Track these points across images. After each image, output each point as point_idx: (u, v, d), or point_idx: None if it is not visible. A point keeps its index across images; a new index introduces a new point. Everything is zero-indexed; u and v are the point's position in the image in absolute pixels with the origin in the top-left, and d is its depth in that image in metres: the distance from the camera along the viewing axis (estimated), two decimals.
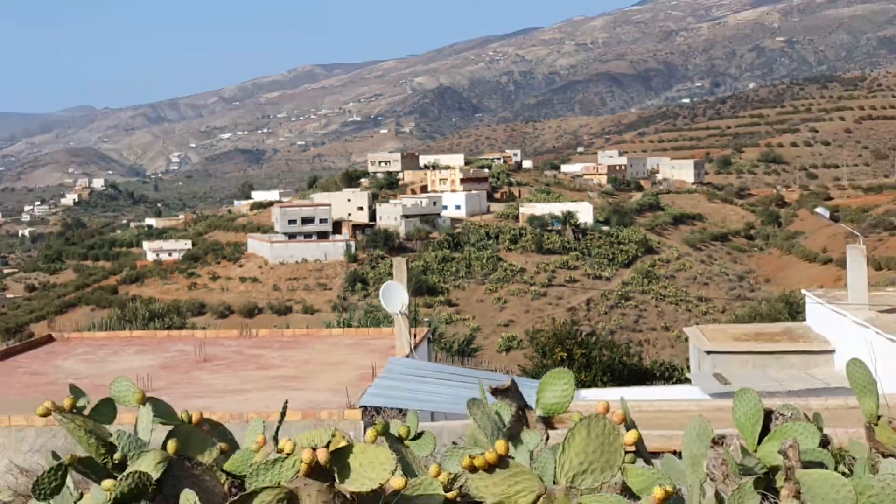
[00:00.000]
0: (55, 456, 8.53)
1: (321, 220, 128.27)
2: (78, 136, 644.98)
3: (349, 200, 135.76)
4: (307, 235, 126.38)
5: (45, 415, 3.76)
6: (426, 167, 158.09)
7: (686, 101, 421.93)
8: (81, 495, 3.81)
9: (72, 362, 18.25)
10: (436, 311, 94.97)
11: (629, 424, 3.32)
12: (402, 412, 12.17)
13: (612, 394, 15.18)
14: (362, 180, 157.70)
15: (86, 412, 3.83)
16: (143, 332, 27.12)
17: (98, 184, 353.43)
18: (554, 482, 3.25)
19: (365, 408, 12.72)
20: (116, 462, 3.69)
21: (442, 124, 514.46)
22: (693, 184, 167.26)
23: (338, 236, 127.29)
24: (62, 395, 3.96)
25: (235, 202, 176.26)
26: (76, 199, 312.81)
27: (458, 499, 3.34)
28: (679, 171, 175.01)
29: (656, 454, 3.55)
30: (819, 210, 64.86)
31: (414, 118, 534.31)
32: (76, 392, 3.90)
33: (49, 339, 22.10)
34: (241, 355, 19.27)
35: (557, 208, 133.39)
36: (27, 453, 11.29)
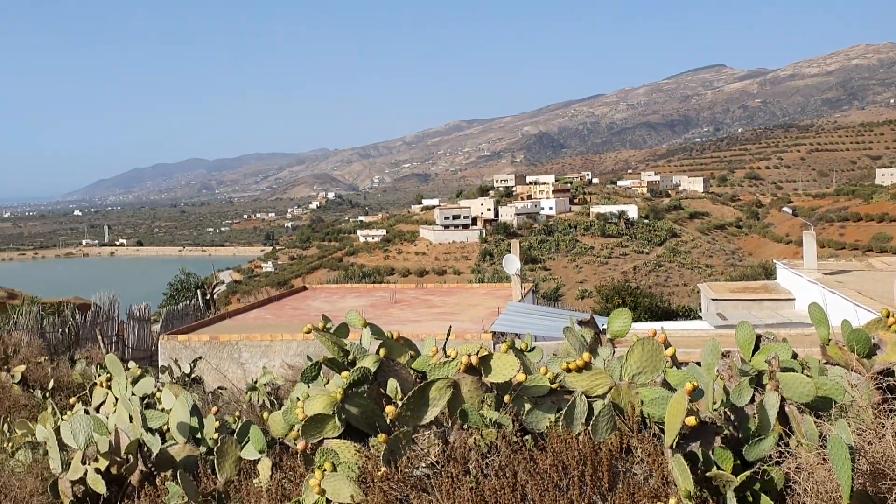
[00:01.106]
0: (309, 358, 8.77)
1: (464, 217, 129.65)
2: (319, 166, 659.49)
3: (482, 204, 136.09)
4: (455, 226, 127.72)
5: (308, 332, 3.87)
6: (530, 183, 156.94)
7: (697, 140, 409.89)
8: (328, 381, 3.91)
9: (317, 302, 18.68)
10: (536, 274, 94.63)
11: (667, 344, 3.29)
12: (517, 335, 12.16)
13: (652, 326, 14.88)
14: (490, 192, 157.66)
15: (331, 331, 3.93)
16: (358, 285, 27.63)
17: (331, 195, 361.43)
18: (620, 379, 3.24)
19: (494, 332, 12.72)
20: (349, 361, 3.77)
21: (540, 157, 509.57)
22: (702, 193, 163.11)
23: (475, 227, 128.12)
24: (314, 321, 4.08)
25: (412, 206, 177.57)
26: (318, 205, 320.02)
27: (559, 388, 3.34)
28: (693, 184, 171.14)
29: (681, 364, 3.53)
30: (785, 209, 62.32)
31: (522, 153, 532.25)
32: (325, 319, 3.99)
33: (303, 289, 22.66)
34: (417, 299, 19.45)
35: (615, 209, 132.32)
36: (292, 356, 11.59)
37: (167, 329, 19.26)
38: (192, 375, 12.06)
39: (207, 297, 24.45)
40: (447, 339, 4.12)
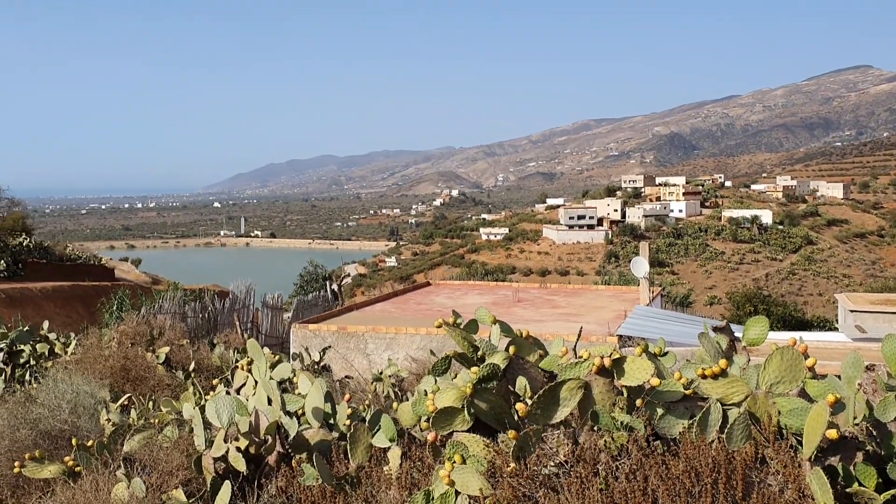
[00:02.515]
0: (432, 352, 8.85)
1: (590, 217, 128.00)
2: (444, 164, 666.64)
3: (608, 205, 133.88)
4: (580, 227, 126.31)
5: (439, 326, 3.95)
6: (660, 185, 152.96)
7: (838, 144, 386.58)
8: (455, 375, 3.98)
9: (440, 298, 18.92)
10: (664, 278, 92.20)
11: (807, 355, 3.18)
12: (643, 340, 11.93)
13: (787, 335, 14.19)
14: (617, 192, 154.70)
15: (461, 326, 4.00)
16: (480, 282, 27.80)
17: (455, 193, 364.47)
18: (756, 388, 3.16)
19: (620, 336, 12.53)
20: (478, 357, 3.83)
21: (671, 158, 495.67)
22: (842, 199, 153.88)
23: (600, 227, 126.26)
24: (436, 318, 4.16)
25: (536, 205, 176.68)
26: (442, 202, 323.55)
27: (692, 394, 3.29)
28: (832, 190, 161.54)
29: (819, 376, 3.40)
30: None
31: (652, 153, 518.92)
32: (456, 314, 4.07)
33: (427, 284, 23.01)
34: (541, 299, 19.37)
35: (748, 213, 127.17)
36: (416, 350, 11.81)
37: (297, 318, 20.06)
38: (322, 363, 12.54)
39: (335, 288, 25.26)
40: (577, 339, 4.12)
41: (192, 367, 11.33)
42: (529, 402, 3.31)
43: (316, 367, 12.41)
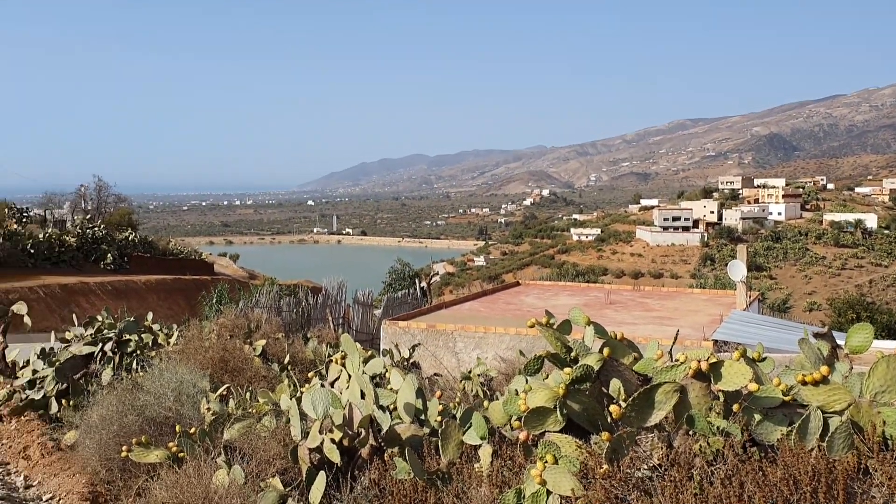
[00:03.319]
0: (521, 353, 8.84)
1: (685, 219, 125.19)
2: (534, 163, 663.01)
3: (704, 206, 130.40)
4: (675, 228, 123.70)
5: (532, 326, 3.97)
6: (758, 186, 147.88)
7: None
8: (547, 375, 4.00)
9: (530, 298, 18.86)
10: (761, 282, 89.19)
11: None
12: (738, 345, 11.62)
13: (890, 344, 13.56)
14: (714, 194, 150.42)
15: (554, 327, 4.01)
16: (571, 283, 27.57)
17: (545, 192, 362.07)
18: (860, 396, 3.06)
19: (715, 340, 12.23)
20: (571, 358, 3.83)
21: (770, 159, 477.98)
22: None
23: (696, 230, 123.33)
24: (526, 318, 4.18)
25: (629, 206, 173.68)
26: (532, 202, 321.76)
27: (792, 401, 3.21)
28: None
29: None
30: None
31: (751, 154, 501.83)
32: (549, 314, 4.08)
33: (516, 284, 22.98)
34: (633, 301, 19.06)
35: (851, 217, 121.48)
36: (504, 350, 11.82)
37: (386, 315, 20.37)
38: (411, 360, 12.72)
39: (424, 286, 25.51)
40: (673, 343, 4.07)
41: (286, 360, 11.68)
42: (623, 404, 3.30)
43: (405, 363, 12.59)
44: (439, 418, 4.63)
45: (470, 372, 9.78)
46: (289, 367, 11.31)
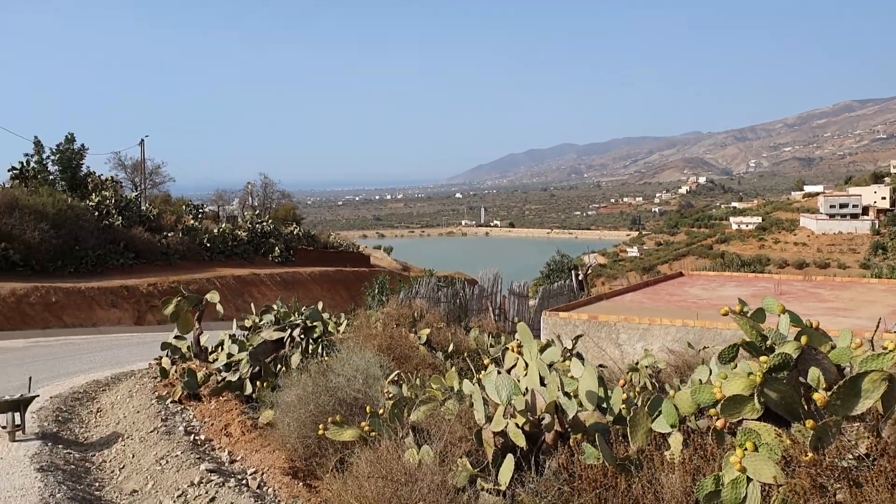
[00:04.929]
0: (689, 345, 8.71)
1: (853, 206, 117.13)
2: (690, 150, 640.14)
3: (875, 192, 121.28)
4: (843, 216, 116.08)
5: (725, 314, 3.99)
6: None
7: None
8: (735, 365, 3.99)
9: (694, 289, 18.40)
10: None
11: None
12: None
13: None
14: (886, 178, 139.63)
15: (748, 315, 4.01)
16: (737, 273, 26.55)
17: (702, 180, 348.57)
18: None
19: None
20: (767, 346, 3.83)
21: None
22: None
23: (865, 217, 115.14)
24: (692, 310, 4.18)
25: (792, 193, 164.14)
26: (688, 190, 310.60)
27: None
28: None
29: None
30: None
31: None
32: (742, 303, 4.08)
33: (679, 275, 22.44)
34: (805, 292, 18.15)
35: None
36: (671, 342, 11.65)
37: (542, 306, 20.47)
38: (574, 351, 12.76)
39: (581, 278, 25.40)
40: (875, 331, 3.97)
41: (451, 348, 12.06)
42: (826, 392, 3.28)
43: (568, 354, 12.63)
44: (623, 406, 4.72)
45: (637, 363, 9.72)
46: (453, 355, 11.69)
